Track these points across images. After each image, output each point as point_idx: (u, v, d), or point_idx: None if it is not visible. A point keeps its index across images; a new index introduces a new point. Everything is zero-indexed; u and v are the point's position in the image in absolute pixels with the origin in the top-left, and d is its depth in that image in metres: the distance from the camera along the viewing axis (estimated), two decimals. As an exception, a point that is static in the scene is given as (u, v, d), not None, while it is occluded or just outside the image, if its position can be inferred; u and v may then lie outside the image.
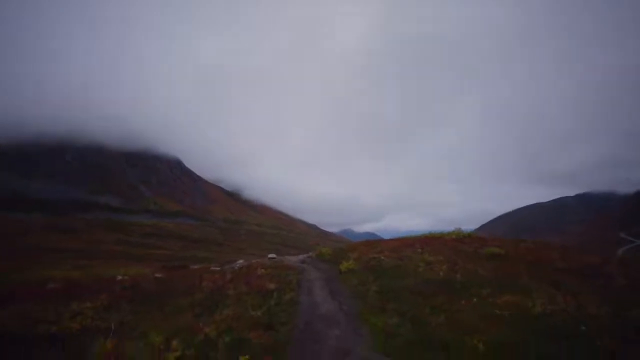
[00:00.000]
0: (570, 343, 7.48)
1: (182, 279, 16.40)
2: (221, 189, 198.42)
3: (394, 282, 13.26)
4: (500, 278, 12.87)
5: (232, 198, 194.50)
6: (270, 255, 25.21)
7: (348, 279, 14.65)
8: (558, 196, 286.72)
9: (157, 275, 17.94)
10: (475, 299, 10.13)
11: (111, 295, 13.51)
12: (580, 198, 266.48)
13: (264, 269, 17.10)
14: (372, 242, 29.81)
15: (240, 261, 24.33)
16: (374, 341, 8.13)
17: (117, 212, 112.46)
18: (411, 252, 19.43)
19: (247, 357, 7.05)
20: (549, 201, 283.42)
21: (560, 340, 7.60)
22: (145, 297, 12.83)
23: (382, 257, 17.76)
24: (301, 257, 26.25)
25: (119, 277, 23.09)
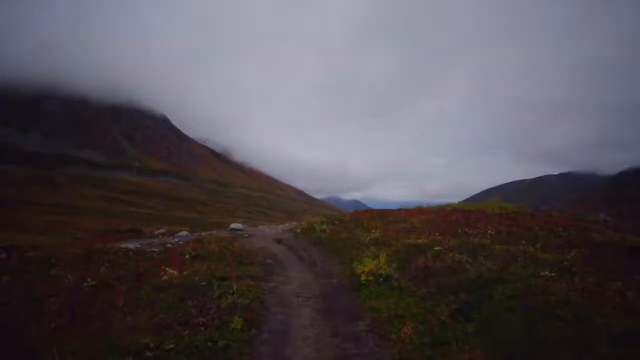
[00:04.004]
0: None
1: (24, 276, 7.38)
2: (209, 150, 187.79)
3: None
4: None
5: (220, 159, 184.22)
6: (234, 226, 16.17)
7: (385, 317, 5.53)
8: (541, 174, 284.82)
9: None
10: None
11: None
12: (564, 177, 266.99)
13: (191, 259, 7.87)
14: (386, 213, 20.81)
15: (183, 233, 15.30)
16: None
17: (99, 168, 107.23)
18: (474, 236, 10.45)
19: None
20: (532, 178, 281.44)
21: None
22: None
23: (438, 247, 8.65)
24: (280, 228, 17.26)
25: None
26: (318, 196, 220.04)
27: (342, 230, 13.84)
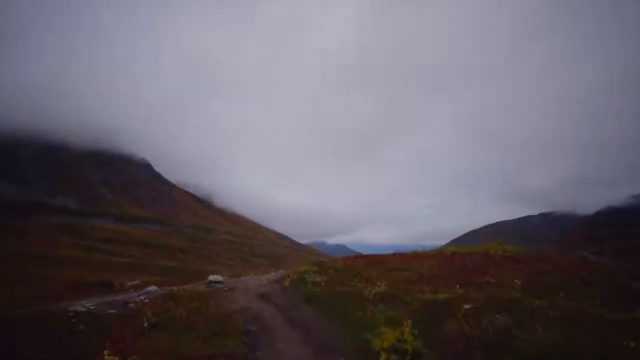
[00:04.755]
0: None
1: None
2: (191, 195, 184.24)
3: None
4: None
5: (202, 204, 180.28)
6: (212, 278, 14.07)
7: None
8: (522, 215, 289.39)
9: None
10: None
11: None
12: (544, 217, 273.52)
13: (149, 329, 5.91)
14: (381, 259, 19.07)
15: (152, 288, 13.08)
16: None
17: (74, 215, 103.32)
18: (499, 287, 8.74)
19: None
20: (515, 219, 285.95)
21: None
22: None
23: (467, 305, 6.91)
24: (265, 279, 15.25)
25: None
26: (303, 241, 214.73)
27: (337, 282, 11.92)
